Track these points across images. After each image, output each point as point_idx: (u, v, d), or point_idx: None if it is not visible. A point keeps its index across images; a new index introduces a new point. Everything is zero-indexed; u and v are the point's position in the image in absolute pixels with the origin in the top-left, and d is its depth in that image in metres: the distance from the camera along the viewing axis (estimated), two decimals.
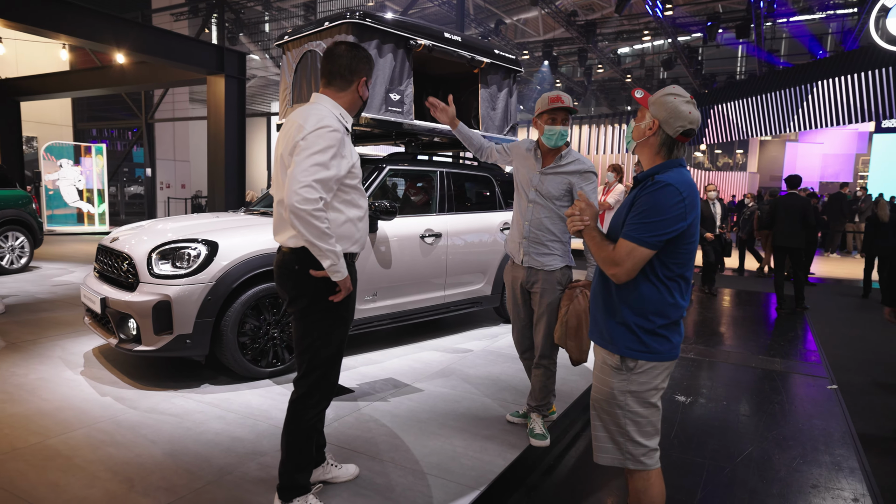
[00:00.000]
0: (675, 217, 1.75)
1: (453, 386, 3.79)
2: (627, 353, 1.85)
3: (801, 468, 2.97)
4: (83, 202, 15.63)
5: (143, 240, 3.76)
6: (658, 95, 1.88)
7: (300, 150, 2.04)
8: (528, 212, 2.93)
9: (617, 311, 1.87)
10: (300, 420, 2.21)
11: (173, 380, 3.73)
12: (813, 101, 17.64)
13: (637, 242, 1.75)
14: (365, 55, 2.27)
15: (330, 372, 2.25)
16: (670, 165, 1.86)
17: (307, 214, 1.98)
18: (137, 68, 10.44)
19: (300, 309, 2.19)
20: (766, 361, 4.91)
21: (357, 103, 2.29)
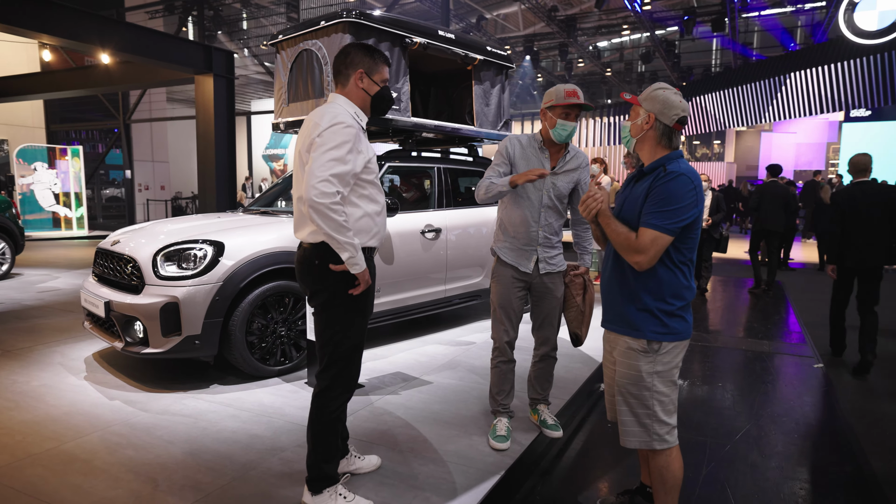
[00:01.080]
0: (690, 204, 1.87)
1: (461, 377, 3.86)
2: (653, 336, 1.94)
3: (796, 442, 3.11)
4: (60, 206, 15.30)
5: (146, 242, 3.74)
6: (648, 92, 2.00)
7: (317, 147, 2.10)
8: (542, 216, 2.83)
9: (637, 297, 1.97)
10: (324, 412, 2.26)
11: (181, 382, 3.72)
12: (786, 93, 18.06)
13: (660, 230, 1.86)
14: (362, 48, 2.28)
15: (351, 364, 2.30)
16: (674, 157, 1.97)
17: (325, 208, 2.04)
18: (122, 68, 10.25)
19: (321, 303, 2.24)
20: (755, 344, 5.08)
21: (366, 100, 2.30)
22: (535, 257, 2.86)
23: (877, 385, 4.14)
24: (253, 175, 20.80)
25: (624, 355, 2.01)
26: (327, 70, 4.51)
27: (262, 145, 22.85)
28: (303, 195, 2.08)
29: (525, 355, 3.87)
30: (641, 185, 1.99)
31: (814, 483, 2.67)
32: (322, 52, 4.56)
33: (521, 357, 4.24)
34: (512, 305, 2.91)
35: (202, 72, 8.58)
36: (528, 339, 3.18)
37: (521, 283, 2.90)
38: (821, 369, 4.34)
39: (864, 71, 15.78)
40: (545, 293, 2.92)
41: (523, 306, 2.99)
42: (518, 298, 2.92)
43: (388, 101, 2.37)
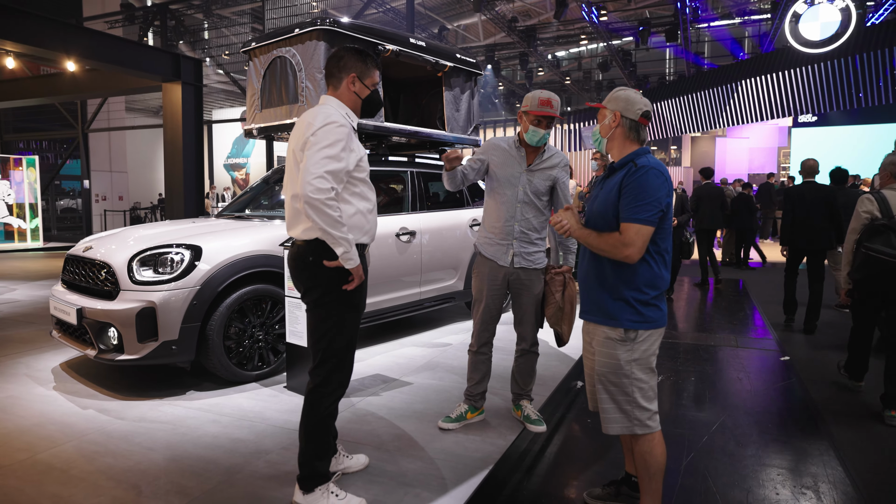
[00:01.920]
0: (663, 195, 2.00)
1: (440, 378, 3.90)
2: (630, 325, 2.04)
3: (770, 431, 3.24)
4: (14, 217, 14.78)
5: (120, 247, 3.68)
6: (610, 95, 2.16)
7: (311, 146, 2.15)
8: (517, 211, 2.94)
9: (614, 288, 2.07)
10: (317, 409, 2.27)
11: (155, 389, 3.66)
12: (737, 100, 18.78)
13: (642, 222, 1.97)
14: (355, 52, 2.36)
15: (345, 361, 2.33)
16: (642, 153, 2.09)
17: (321, 203, 2.09)
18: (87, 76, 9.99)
19: (314, 299, 2.28)
20: (723, 339, 5.27)
21: (357, 103, 2.38)
22: (511, 251, 2.95)
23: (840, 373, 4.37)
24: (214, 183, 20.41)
25: (602, 345, 2.10)
26: (302, 76, 4.53)
27: (223, 154, 22.47)
28: (298, 192, 2.14)
29: (509, 353, 3.94)
30: (613, 180, 2.09)
31: (790, 469, 2.79)
32: (296, 59, 4.58)
33: (507, 354, 4.32)
34: (488, 300, 3.01)
35: (170, 79, 8.47)
36: (513, 336, 3.25)
37: (497, 279, 2.98)
38: (787, 362, 4.54)
39: (810, 79, 16.59)
40: (521, 289, 3.01)
41: (501, 302, 3.06)
42: (495, 294, 3.00)
43: (378, 104, 2.46)
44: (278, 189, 5.32)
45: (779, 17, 16.45)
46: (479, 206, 5.71)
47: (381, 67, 4.85)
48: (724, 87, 18.95)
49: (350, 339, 2.32)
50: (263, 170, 17.57)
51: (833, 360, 4.52)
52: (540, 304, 3.06)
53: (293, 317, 3.56)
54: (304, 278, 2.29)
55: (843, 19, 14.73)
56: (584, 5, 16.19)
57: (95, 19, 18.30)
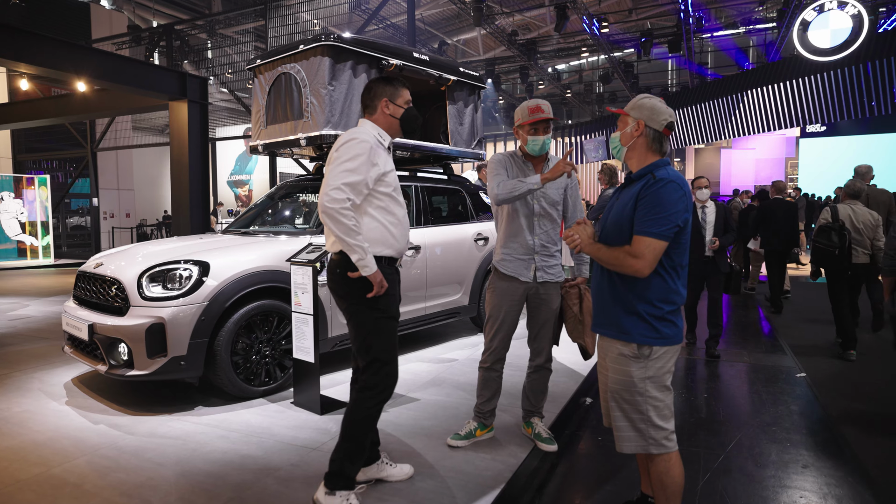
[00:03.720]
0: (681, 210, 1.94)
1: (448, 394, 3.90)
2: (643, 340, 2.00)
3: (789, 451, 3.16)
4: (26, 235, 14.98)
5: (130, 263, 3.72)
6: (634, 102, 2.11)
7: (333, 161, 2.35)
8: (536, 226, 2.92)
9: (628, 302, 2.03)
10: (361, 407, 2.39)
11: (164, 404, 3.68)
12: (743, 110, 18.71)
13: (654, 237, 1.92)
14: (382, 80, 2.55)
15: (387, 364, 2.43)
16: (662, 164, 2.06)
17: (335, 212, 2.25)
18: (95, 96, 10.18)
19: (346, 308, 2.45)
20: (736, 355, 5.17)
21: (393, 123, 2.53)
22: (533, 266, 2.93)
23: (858, 386, 4.31)
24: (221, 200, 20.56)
25: (615, 361, 2.06)
26: (306, 92, 4.59)
27: (226, 171, 22.68)
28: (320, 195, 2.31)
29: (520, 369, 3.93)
30: (630, 191, 2.04)
31: (814, 492, 2.71)
32: (301, 76, 4.64)
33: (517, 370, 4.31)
34: (505, 317, 2.97)
35: (177, 98, 8.63)
36: (524, 352, 3.23)
37: (517, 295, 2.95)
38: (804, 378, 4.47)
39: (819, 88, 16.52)
40: (540, 304, 2.98)
41: (518, 318, 3.03)
42: (513, 310, 2.98)
43: (416, 118, 2.59)
44: (283, 205, 5.37)
45: (786, 24, 16.41)
46: (484, 220, 5.73)
47: None
48: (729, 97, 18.92)
49: (388, 344, 2.43)
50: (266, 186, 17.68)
51: (849, 378, 4.47)
52: (557, 319, 3.05)
53: (300, 332, 3.58)
54: (336, 289, 2.45)
55: (855, 26, 14.55)
56: (584, 17, 16.30)
57: (104, 41, 18.63)
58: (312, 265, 3.45)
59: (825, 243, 5.11)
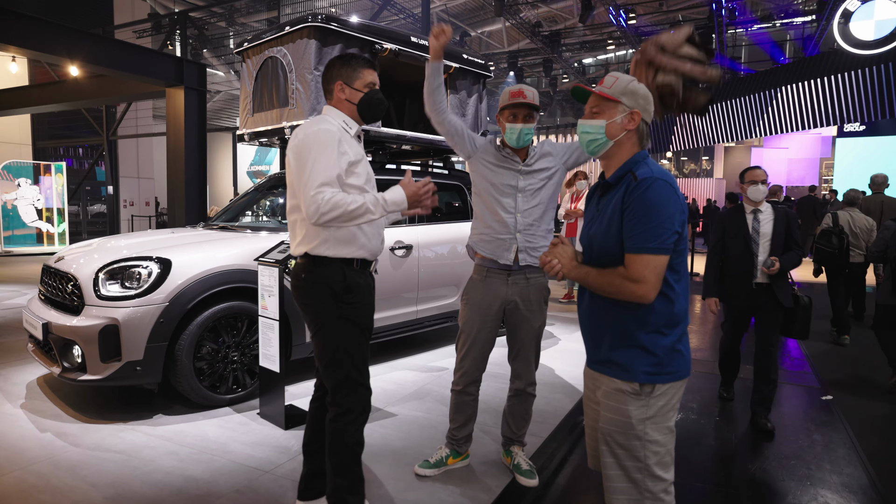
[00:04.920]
0: (676, 212, 1.58)
1: (428, 409, 3.56)
2: (646, 378, 1.62)
3: (808, 490, 2.76)
4: (42, 222, 15.12)
5: (89, 259, 3.46)
6: (622, 84, 1.70)
7: (299, 160, 2.05)
8: (520, 202, 2.53)
9: (628, 332, 1.65)
10: (343, 437, 2.10)
11: (124, 411, 3.42)
12: (777, 107, 17.89)
13: (653, 252, 1.56)
14: (338, 59, 2.23)
15: (360, 384, 2.14)
16: (640, 158, 1.68)
17: (330, 217, 1.97)
18: (95, 82, 10.04)
19: (314, 319, 2.14)
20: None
21: (352, 108, 2.22)
22: (514, 246, 2.53)
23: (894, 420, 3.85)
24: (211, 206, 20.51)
25: (610, 397, 1.68)
26: (292, 77, 4.28)
27: (247, 162, 22.64)
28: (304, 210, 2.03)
29: (505, 382, 3.59)
30: (610, 199, 1.68)
31: None
32: (287, 59, 4.33)
33: (501, 384, 3.96)
34: (478, 333, 2.62)
35: (173, 84, 8.38)
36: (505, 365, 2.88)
37: (492, 308, 2.59)
38: (829, 402, 4.02)
39: (859, 84, 15.58)
40: (520, 322, 2.61)
41: (494, 335, 2.66)
42: (488, 326, 2.61)
43: (377, 105, 2.23)
44: (269, 198, 5.08)
45: (826, 16, 15.55)
46: None
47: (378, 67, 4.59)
48: (762, 93, 18.10)
49: (362, 360, 2.14)
50: None
51: (887, 402, 4.01)
52: (540, 339, 2.69)
53: (266, 339, 3.28)
54: (301, 297, 2.16)
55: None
56: (611, 8, 15.72)
57: (125, 27, 18.65)
58: (279, 266, 3.15)
59: (826, 245, 5.83)
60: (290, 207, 2.18)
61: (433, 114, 2.57)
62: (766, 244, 3.46)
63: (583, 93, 1.76)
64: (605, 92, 1.70)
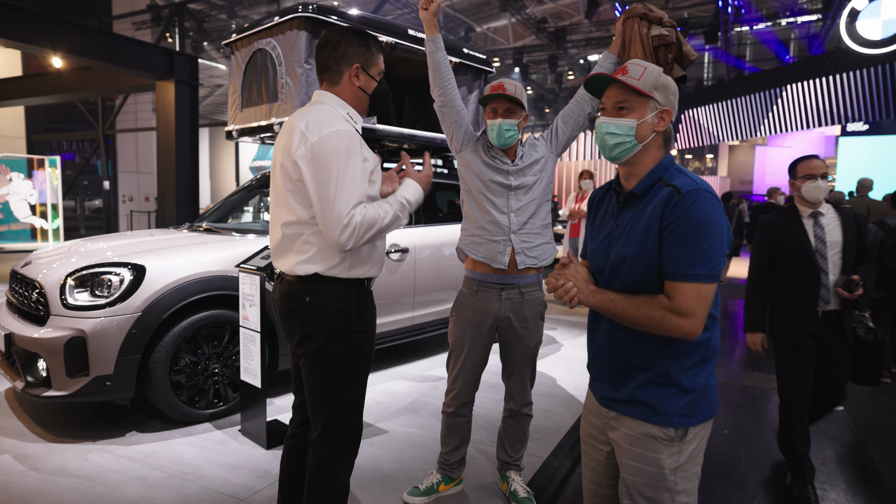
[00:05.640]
0: (724, 231, 1.34)
1: (422, 425, 3.32)
2: (680, 422, 1.37)
3: None
4: (36, 217, 14.85)
5: (57, 265, 3.22)
6: (656, 77, 1.41)
7: (317, 170, 1.69)
8: (513, 201, 2.31)
9: (660, 369, 1.39)
10: (330, 485, 1.82)
11: (95, 427, 3.19)
12: (781, 106, 17.69)
13: (705, 280, 1.31)
14: (356, 36, 1.85)
15: (356, 423, 1.87)
16: (669, 165, 1.43)
17: (366, 239, 1.73)
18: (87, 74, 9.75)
19: (315, 349, 1.80)
20: (762, 379, 4.53)
21: (362, 99, 1.89)
22: (509, 249, 2.30)
23: None
24: None
25: (637, 443, 1.41)
26: (282, 71, 4.04)
27: (249, 157, 22.37)
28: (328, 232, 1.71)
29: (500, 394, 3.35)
30: (639, 213, 1.40)
31: None
32: (276, 52, 4.09)
33: (496, 398, 3.73)
34: (470, 352, 2.38)
35: (163, 77, 8.09)
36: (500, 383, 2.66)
37: (484, 325, 2.35)
38: (842, 413, 3.79)
39: (864, 83, 15.38)
40: (513, 339, 2.38)
41: (486, 353, 2.43)
42: (479, 343, 2.38)
43: (387, 96, 1.95)
44: (259, 198, 4.84)
45: (831, 15, 15.29)
46: None
47: None
48: (766, 92, 17.89)
49: (361, 397, 1.86)
50: None
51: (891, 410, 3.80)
52: (535, 357, 2.46)
53: (247, 351, 3.04)
54: (300, 324, 1.81)
55: None
56: (617, 5, 15.45)
57: (123, 18, 18.38)
58: (262, 273, 2.91)
59: None
60: (286, 220, 1.80)
61: (438, 92, 2.35)
62: (837, 258, 2.61)
63: (601, 82, 1.47)
64: (636, 84, 1.40)
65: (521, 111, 2.30)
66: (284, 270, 1.85)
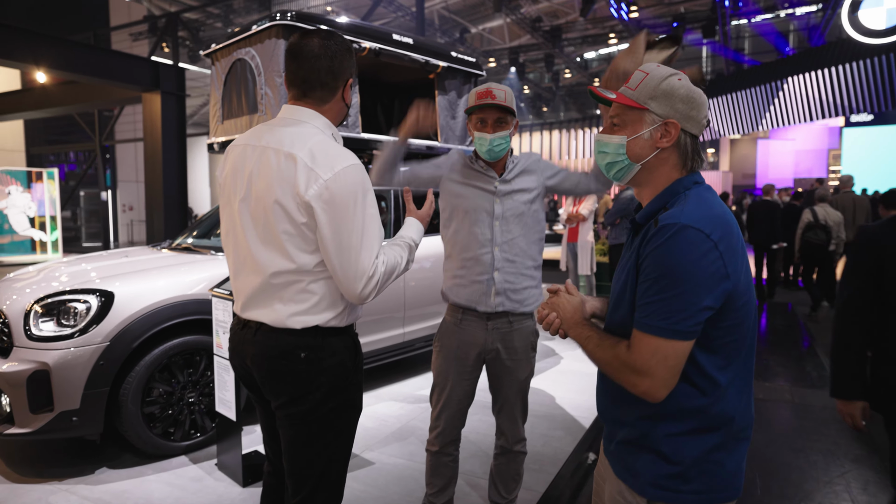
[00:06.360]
0: (709, 277, 1.07)
1: (411, 454, 3.14)
2: (655, 493, 1.16)
3: None
4: (35, 230, 14.79)
5: (23, 292, 3.06)
6: (655, 83, 1.18)
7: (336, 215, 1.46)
8: (498, 232, 2.11)
9: (639, 425, 1.19)
10: None
11: (65, 464, 3.02)
12: (783, 99, 17.48)
13: (661, 335, 1.08)
14: (346, 47, 1.60)
15: (343, 477, 1.67)
16: (679, 189, 1.19)
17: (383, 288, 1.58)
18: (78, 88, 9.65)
19: (307, 409, 1.55)
20: (775, 390, 4.32)
21: (343, 111, 1.68)
22: (492, 289, 2.10)
23: None
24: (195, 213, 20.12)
25: (614, 502, 1.26)
26: (261, 81, 3.87)
27: None
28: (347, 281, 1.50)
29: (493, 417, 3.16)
30: (632, 246, 1.23)
31: None
32: (255, 61, 3.93)
33: (490, 420, 3.54)
34: (453, 387, 2.19)
35: (150, 89, 7.95)
36: None
37: (469, 358, 2.17)
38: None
39: (867, 73, 15.11)
40: (501, 373, 2.19)
41: (473, 387, 2.24)
42: (465, 377, 2.19)
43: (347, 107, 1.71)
44: None
45: (832, 5, 15.05)
46: None
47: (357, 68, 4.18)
48: (767, 85, 17.66)
49: (350, 450, 1.67)
50: None
51: None
52: (527, 391, 2.27)
53: (222, 381, 2.87)
54: (293, 383, 1.54)
55: None
56: (612, 2, 15.26)
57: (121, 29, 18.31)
58: None
59: (814, 238, 6.81)
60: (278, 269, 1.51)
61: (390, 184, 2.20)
62: None
63: (597, 99, 1.29)
64: (627, 96, 1.21)
65: (512, 119, 2.11)
66: (269, 322, 1.54)
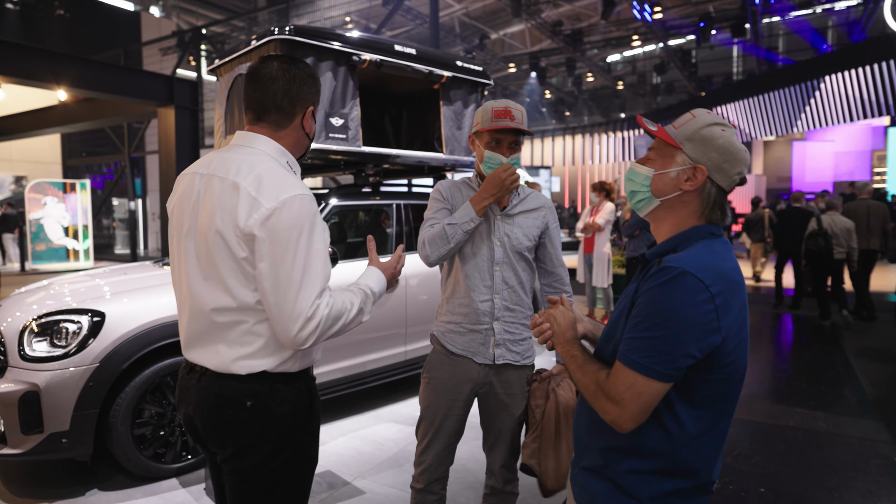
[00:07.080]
0: (699, 326, 1.05)
1: (404, 484, 3.02)
2: None
3: None
4: (69, 238, 15.31)
5: (22, 310, 3.08)
6: (696, 127, 1.17)
7: (278, 246, 1.32)
8: (496, 278, 1.99)
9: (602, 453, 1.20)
10: None
11: (57, 484, 3.02)
12: (820, 98, 16.86)
13: (641, 371, 1.07)
14: (308, 73, 1.51)
15: None
16: (692, 236, 1.17)
17: (328, 335, 1.39)
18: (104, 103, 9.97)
19: (256, 464, 1.42)
20: (806, 417, 3.93)
21: (303, 142, 1.56)
22: (492, 340, 1.99)
23: None
24: None
25: None
26: None
27: None
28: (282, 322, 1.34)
29: None
30: (636, 280, 1.22)
31: None
32: None
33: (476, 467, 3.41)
34: (443, 422, 2.04)
35: (164, 104, 8.13)
36: None
37: (462, 392, 2.03)
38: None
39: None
40: (496, 409, 2.05)
41: (463, 422, 2.09)
42: (455, 412, 2.04)
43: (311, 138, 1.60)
44: None
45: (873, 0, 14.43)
46: None
47: (357, 80, 4.12)
48: (803, 84, 17.08)
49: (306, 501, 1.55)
50: None
51: None
52: (521, 428, 2.12)
53: None
54: (237, 437, 1.41)
55: None
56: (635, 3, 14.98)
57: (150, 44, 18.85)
58: None
59: (813, 245, 6.84)
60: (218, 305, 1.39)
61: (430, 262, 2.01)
62: None
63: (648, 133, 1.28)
64: (668, 132, 1.21)
65: (524, 140, 2.02)
66: (212, 367, 1.41)
